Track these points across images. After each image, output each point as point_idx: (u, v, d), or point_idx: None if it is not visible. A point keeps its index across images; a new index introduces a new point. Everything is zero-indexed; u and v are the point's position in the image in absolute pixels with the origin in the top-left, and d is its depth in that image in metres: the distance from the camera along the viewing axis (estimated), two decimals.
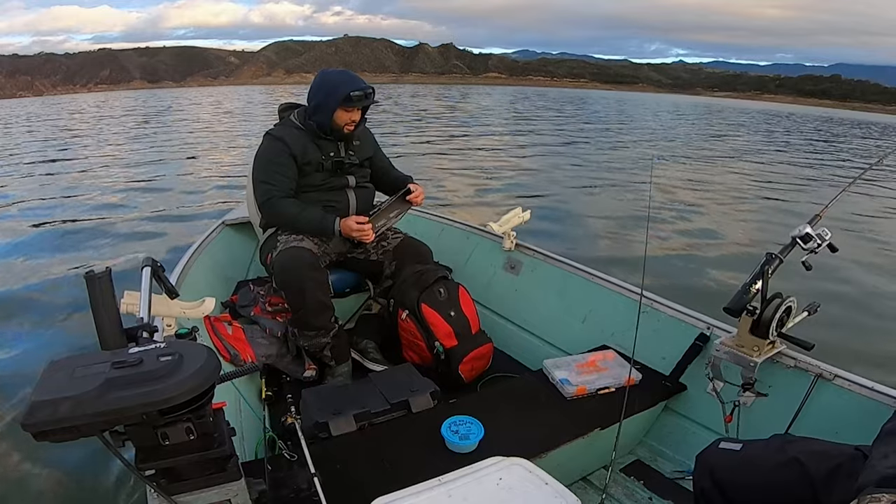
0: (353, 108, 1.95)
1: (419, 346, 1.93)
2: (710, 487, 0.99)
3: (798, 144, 16.97)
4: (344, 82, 1.92)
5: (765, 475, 0.95)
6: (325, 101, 1.94)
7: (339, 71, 2.01)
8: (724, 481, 0.98)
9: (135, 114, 24.33)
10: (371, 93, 1.95)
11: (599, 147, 12.84)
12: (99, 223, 5.68)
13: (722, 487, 0.97)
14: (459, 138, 13.48)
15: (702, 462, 1.05)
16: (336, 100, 1.90)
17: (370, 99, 1.96)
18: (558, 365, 1.65)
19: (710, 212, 6.56)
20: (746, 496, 0.95)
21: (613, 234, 5.36)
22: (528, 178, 8.34)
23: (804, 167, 11.25)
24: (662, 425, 1.70)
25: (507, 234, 2.28)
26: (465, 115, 21.98)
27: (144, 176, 8.46)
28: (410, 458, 1.29)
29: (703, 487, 1.01)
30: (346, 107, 1.93)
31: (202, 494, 0.86)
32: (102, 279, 0.87)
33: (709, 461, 1.03)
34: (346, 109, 1.94)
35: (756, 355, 1.36)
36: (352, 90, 1.89)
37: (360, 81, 1.96)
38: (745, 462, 0.95)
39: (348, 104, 1.92)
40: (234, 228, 2.53)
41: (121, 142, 13.44)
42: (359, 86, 1.92)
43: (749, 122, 28.39)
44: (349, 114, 1.95)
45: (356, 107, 1.95)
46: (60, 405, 0.66)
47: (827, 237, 1.35)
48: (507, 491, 0.87)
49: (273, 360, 1.91)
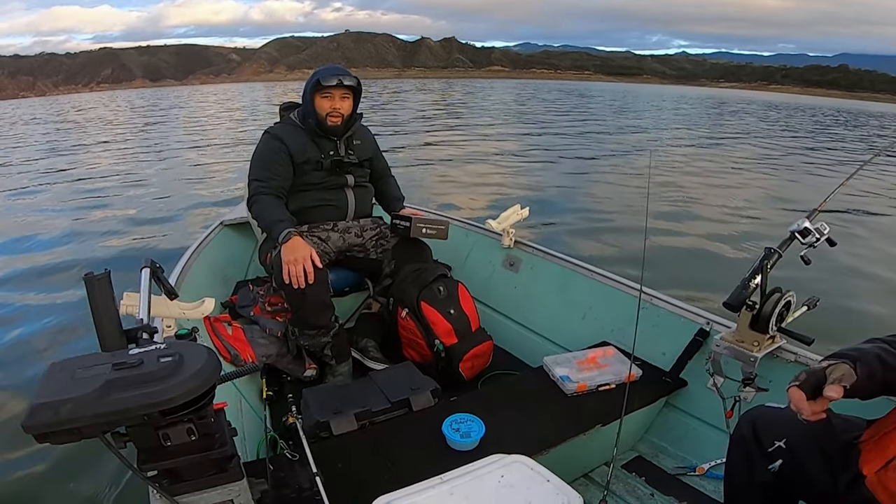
0: (330, 94, 1.96)
1: (419, 344, 1.93)
2: (749, 433, 1.10)
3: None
4: (319, 72, 1.97)
5: (796, 423, 1.00)
6: (305, 92, 1.99)
7: (325, 66, 2.03)
8: (762, 427, 1.09)
9: (138, 112, 24.20)
10: (345, 76, 1.95)
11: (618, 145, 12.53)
12: (99, 222, 5.68)
13: (758, 433, 1.08)
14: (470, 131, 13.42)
15: (747, 416, 1.15)
16: (311, 87, 1.95)
17: (345, 84, 1.96)
18: (558, 362, 1.65)
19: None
20: (776, 436, 1.05)
21: (613, 232, 5.36)
22: (532, 178, 8.33)
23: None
24: (663, 421, 1.70)
25: (506, 232, 2.28)
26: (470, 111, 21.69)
27: (144, 176, 8.45)
28: (412, 456, 1.29)
29: (743, 434, 1.12)
30: (322, 94, 1.96)
31: (204, 495, 0.86)
32: (102, 281, 0.87)
33: (752, 414, 1.14)
34: (322, 96, 1.96)
35: (756, 350, 1.36)
36: (323, 75, 1.93)
37: (337, 70, 1.98)
38: (784, 415, 1.05)
39: (322, 91, 1.95)
40: (233, 228, 2.52)
41: (121, 142, 13.43)
42: (332, 72, 1.95)
43: (776, 115, 26.80)
44: (329, 101, 1.97)
45: (333, 93, 1.96)
46: (61, 407, 0.66)
47: (825, 231, 1.35)
48: (508, 488, 0.87)
49: (273, 359, 1.91)
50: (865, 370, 0.86)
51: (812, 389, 0.85)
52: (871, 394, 0.89)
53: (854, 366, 0.85)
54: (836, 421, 1.02)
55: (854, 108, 47.94)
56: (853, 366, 0.85)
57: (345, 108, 2.01)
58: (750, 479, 1.12)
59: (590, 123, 17.54)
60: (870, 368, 0.86)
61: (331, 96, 1.97)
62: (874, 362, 0.87)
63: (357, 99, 2.06)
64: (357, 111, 2.09)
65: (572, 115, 21.09)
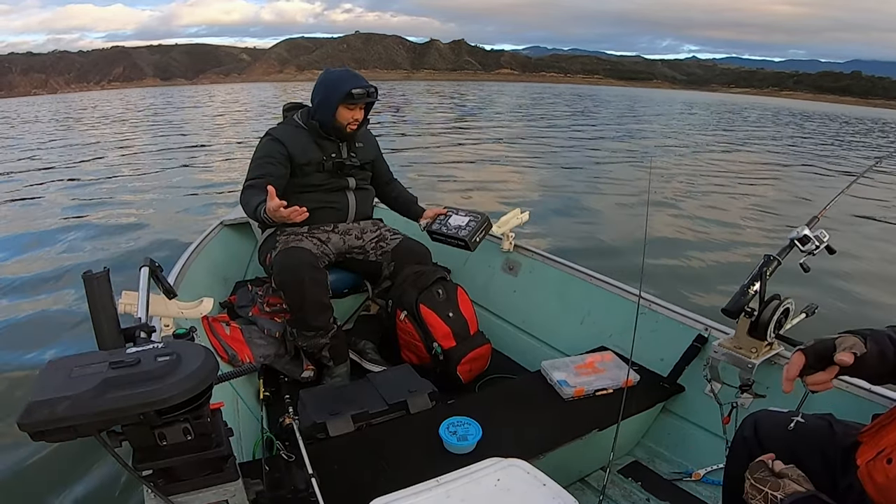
0: (355, 105, 1.96)
1: (417, 346, 1.93)
2: (751, 434, 1.09)
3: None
4: (346, 80, 1.94)
5: (798, 426, 1.03)
6: (327, 98, 1.95)
7: (342, 69, 2.02)
8: (764, 429, 1.08)
9: (145, 112, 24.11)
10: (373, 91, 1.96)
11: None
12: (99, 223, 5.68)
13: (759, 435, 1.08)
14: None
15: (749, 418, 1.15)
16: (338, 96, 1.92)
17: (372, 97, 1.97)
18: (556, 366, 1.65)
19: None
20: (777, 438, 1.04)
21: (613, 236, 5.37)
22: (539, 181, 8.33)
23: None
24: (660, 426, 1.70)
25: (505, 235, 2.28)
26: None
27: (144, 175, 8.46)
28: (408, 458, 1.29)
29: (745, 435, 1.11)
30: (349, 104, 1.94)
31: (199, 495, 0.85)
32: (100, 279, 0.87)
33: (756, 416, 1.13)
34: (348, 107, 1.95)
35: (754, 357, 1.36)
36: (354, 87, 1.90)
37: (362, 80, 1.97)
38: (786, 417, 1.05)
39: (350, 101, 1.93)
40: (233, 229, 2.53)
41: (126, 140, 13.45)
42: (361, 83, 1.93)
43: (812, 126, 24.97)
44: (351, 112, 1.97)
45: (358, 104, 1.96)
46: (58, 405, 0.66)
47: (825, 239, 1.35)
48: (505, 492, 0.87)
49: (271, 360, 1.91)
50: (876, 347, 0.84)
51: (818, 357, 0.84)
52: (881, 376, 0.88)
53: (864, 340, 0.84)
54: (839, 426, 1.02)
55: (871, 116, 47.17)
56: (863, 340, 0.84)
57: (361, 115, 2.02)
58: None
59: (595, 128, 17.54)
60: (881, 346, 0.85)
61: (355, 107, 1.97)
62: (886, 342, 0.86)
63: (371, 105, 2.07)
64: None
65: (578, 118, 21.08)
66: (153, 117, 21.25)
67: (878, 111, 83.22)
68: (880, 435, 0.91)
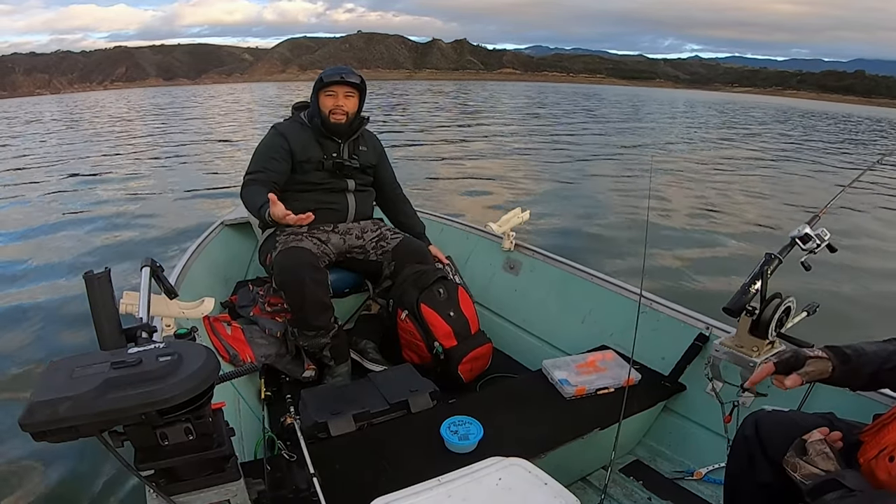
0: (334, 92, 1.99)
1: (418, 346, 1.93)
2: (752, 434, 1.13)
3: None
4: (326, 72, 2.01)
5: (798, 420, 1.10)
6: (313, 92, 2.03)
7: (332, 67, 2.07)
8: (765, 428, 1.12)
9: (148, 111, 24.08)
10: (347, 73, 2.00)
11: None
12: (100, 220, 5.68)
13: (760, 434, 1.11)
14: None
15: (750, 418, 1.18)
16: (317, 86, 1.99)
17: (346, 81, 1.98)
18: (557, 365, 1.65)
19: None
20: (779, 437, 1.08)
21: (612, 237, 5.36)
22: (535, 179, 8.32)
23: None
24: (662, 425, 1.70)
25: (506, 235, 2.28)
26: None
27: (147, 174, 8.46)
28: (410, 458, 1.29)
29: (746, 435, 1.14)
30: (326, 91, 1.99)
31: (201, 495, 0.86)
32: (101, 279, 0.87)
33: (757, 415, 1.17)
34: (326, 94, 2.00)
35: (755, 355, 1.35)
36: (325, 74, 1.98)
37: (340, 68, 2.03)
38: (787, 416, 1.11)
39: (325, 88, 1.98)
40: (234, 228, 2.53)
41: (127, 139, 13.46)
42: (334, 70, 2.00)
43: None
44: (331, 98, 2.00)
45: (333, 88, 1.99)
46: (59, 405, 0.66)
47: (826, 237, 1.35)
48: (506, 491, 0.87)
49: (272, 360, 1.91)
50: (844, 367, 0.97)
51: (787, 369, 1.00)
52: (853, 387, 1.02)
53: (836, 362, 0.97)
54: (841, 425, 1.03)
55: (874, 116, 46.46)
56: (836, 361, 0.97)
57: (349, 105, 2.02)
58: (752, 480, 1.12)
59: (598, 127, 17.51)
60: (853, 365, 0.97)
61: (334, 94, 1.99)
62: (865, 359, 0.98)
63: (362, 99, 2.07)
64: (362, 113, 2.10)
65: (580, 116, 21.03)
66: (156, 116, 21.26)
67: (881, 110, 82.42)
68: (882, 434, 0.92)
